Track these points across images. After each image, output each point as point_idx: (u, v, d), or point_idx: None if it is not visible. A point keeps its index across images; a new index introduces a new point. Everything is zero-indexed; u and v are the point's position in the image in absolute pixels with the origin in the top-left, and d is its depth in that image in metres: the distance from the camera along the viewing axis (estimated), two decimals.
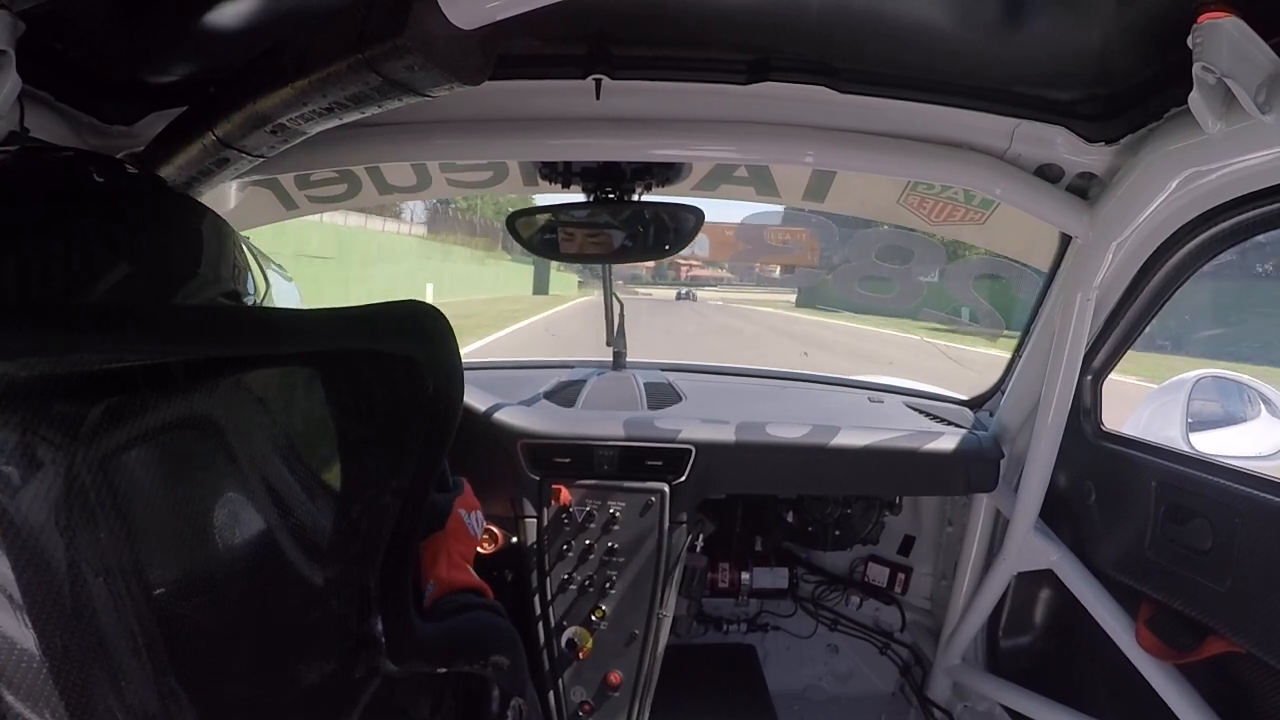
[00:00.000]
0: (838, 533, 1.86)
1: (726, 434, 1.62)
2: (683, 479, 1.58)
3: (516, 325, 15.22)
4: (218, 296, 0.69)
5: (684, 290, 31.45)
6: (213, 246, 0.71)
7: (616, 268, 1.98)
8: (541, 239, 1.52)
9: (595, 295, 2.09)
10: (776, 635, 2.10)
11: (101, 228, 0.60)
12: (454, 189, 1.72)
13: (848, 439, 1.63)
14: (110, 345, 0.51)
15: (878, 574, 1.99)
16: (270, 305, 1.35)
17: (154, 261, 0.63)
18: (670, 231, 1.49)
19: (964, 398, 1.92)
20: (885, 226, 1.85)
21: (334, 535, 0.68)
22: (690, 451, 1.58)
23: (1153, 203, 1.10)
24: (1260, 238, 1.12)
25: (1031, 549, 1.52)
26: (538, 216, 1.50)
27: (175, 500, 0.58)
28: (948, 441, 1.64)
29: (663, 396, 1.84)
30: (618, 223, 1.49)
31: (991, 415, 1.75)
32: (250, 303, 0.82)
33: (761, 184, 1.66)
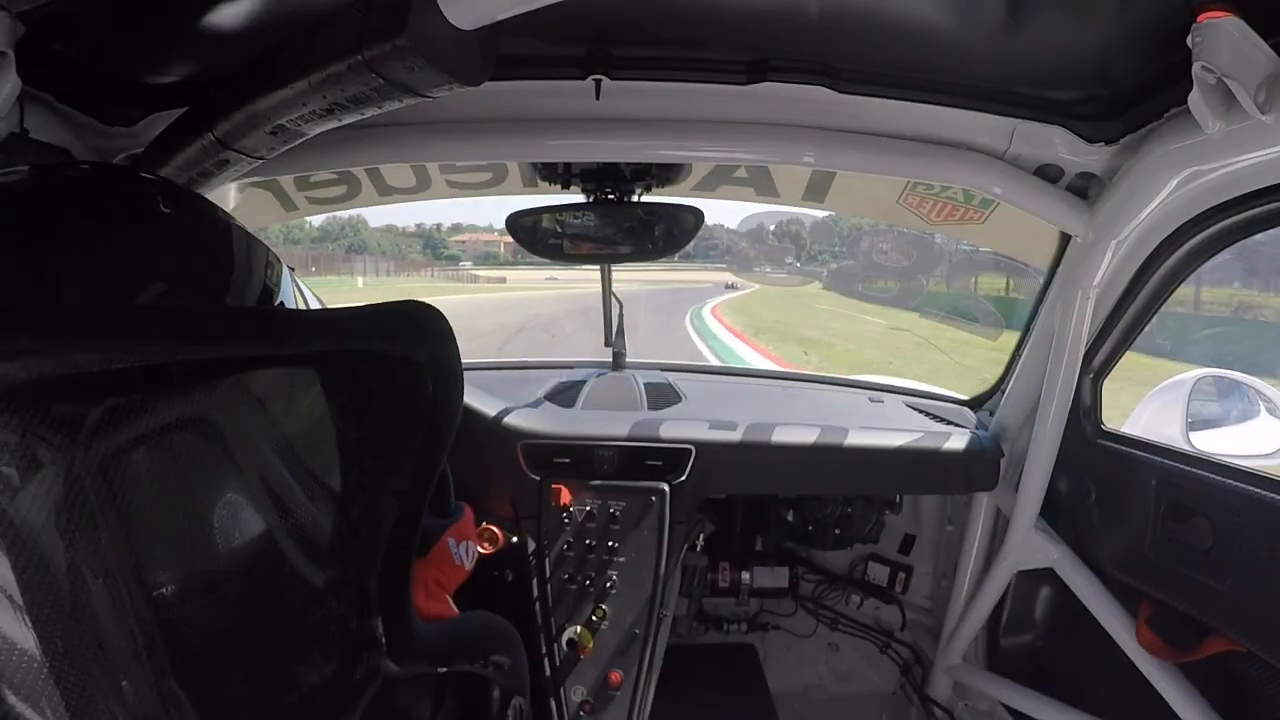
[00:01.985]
0: (838, 532, 1.85)
1: (726, 434, 1.62)
2: (683, 479, 1.58)
3: None
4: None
5: None
6: (243, 262, 0.71)
7: None
8: (541, 240, 1.52)
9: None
10: (777, 635, 2.10)
11: (141, 245, 0.60)
12: (454, 190, 1.72)
13: (848, 439, 1.63)
14: (110, 346, 0.51)
15: (878, 573, 1.98)
16: None
17: (189, 278, 0.63)
18: (669, 232, 1.49)
19: (964, 397, 1.92)
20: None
21: (334, 536, 0.68)
22: (690, 451, 1.58)
23: (1152, 202, 1.10)
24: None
25: (1032, 548, 1.52)
26: (537, 217, 1.50)
27: (175, 502, 0.58)
28: (948, 441, 1.64)
29: (663, 397, 1.84)
30: (617, 224, 1.49)
31: (991, 414, 1.74)
32: None
33: (761, 184, 1.66)
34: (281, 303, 0.74)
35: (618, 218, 1.48)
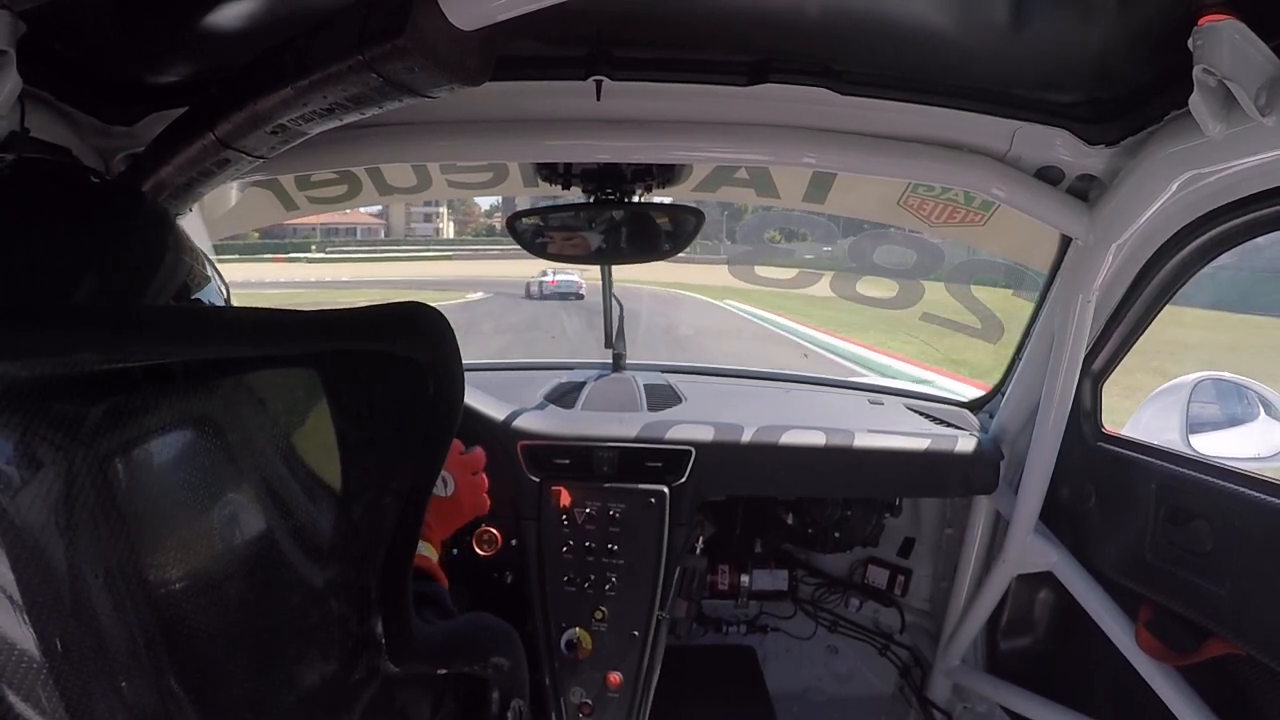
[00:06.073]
0: (837, 535, 1.85)
1: (726, 435, 1.62)
2: (682, 480, 1.58)
3: None
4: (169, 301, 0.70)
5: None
6: (170, 259, 0.72)
7: None
8: (541, 240, 1.52)
9: None
10: (776, 637, 2.10)
11: (69, 241, 0.62)
12: (454, 190, 1.72)
13: (847, 441, 1.63)
14: (111, 345, 0.51)
15: (877, 576, 1.98)
16: None
17: (115, 273, 0.64)
18: (670, 232, 1.49)
19: (964, 399, 1.92)
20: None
21: (334, 536, 0.68)
22: (690, 453, 1.58)
23: (1153, 205, 1.10)
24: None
25: (1031, 551, 1.52)
26: (538, 218, 1.50)
27: (175, 501, 0.57)
28: (948, 443, 1.64)
29: (663, 398, 1.84)
30: (617, 224, 1.49)
31: (991, 417, 1.75)
32: None
33: (762, 185, 1.66)
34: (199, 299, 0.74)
35: (618, 218, 1.48)
